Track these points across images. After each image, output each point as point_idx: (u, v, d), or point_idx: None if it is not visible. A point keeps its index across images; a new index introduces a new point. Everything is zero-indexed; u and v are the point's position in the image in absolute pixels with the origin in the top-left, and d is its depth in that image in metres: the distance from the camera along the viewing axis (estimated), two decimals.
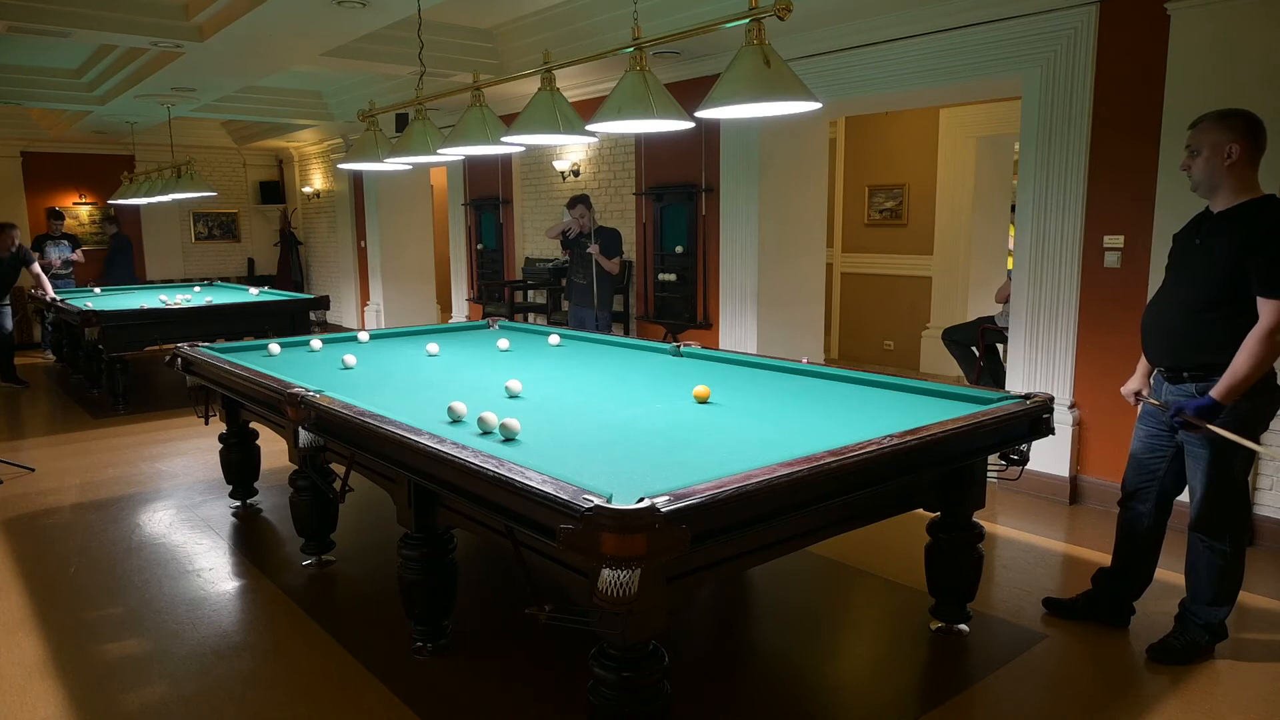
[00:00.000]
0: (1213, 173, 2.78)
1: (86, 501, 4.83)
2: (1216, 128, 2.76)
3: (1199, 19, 4.00)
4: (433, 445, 2.46)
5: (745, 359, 4.07)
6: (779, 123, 5.89)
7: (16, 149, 11.19)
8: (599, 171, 7.86)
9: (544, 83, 3.35)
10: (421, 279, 11.32)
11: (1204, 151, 2.78)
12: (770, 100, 2.62)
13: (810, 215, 6.67)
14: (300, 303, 7.97)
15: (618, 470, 2.35)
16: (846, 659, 3.20)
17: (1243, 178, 2.75)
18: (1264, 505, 4.07)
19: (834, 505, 2.42)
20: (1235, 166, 2.73)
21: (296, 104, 9.66)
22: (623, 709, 2.14)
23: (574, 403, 3.33)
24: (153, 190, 8.80)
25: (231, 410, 4.42)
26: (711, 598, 3.57)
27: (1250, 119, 2.75)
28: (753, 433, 2.77)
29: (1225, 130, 2.74)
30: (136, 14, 5.53)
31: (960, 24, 4.92)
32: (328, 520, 3.86)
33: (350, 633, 3.25)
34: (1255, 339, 2.66)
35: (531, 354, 4.50)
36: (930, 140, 8.10)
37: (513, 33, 6.88)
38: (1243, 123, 2.74)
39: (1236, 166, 2.73)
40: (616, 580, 1.85)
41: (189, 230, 12.82)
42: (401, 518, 2.96)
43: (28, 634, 3.26)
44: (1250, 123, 2.75)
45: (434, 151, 4.04)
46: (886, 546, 3.99)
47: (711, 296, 6.85)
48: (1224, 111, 2.80)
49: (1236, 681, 2.92)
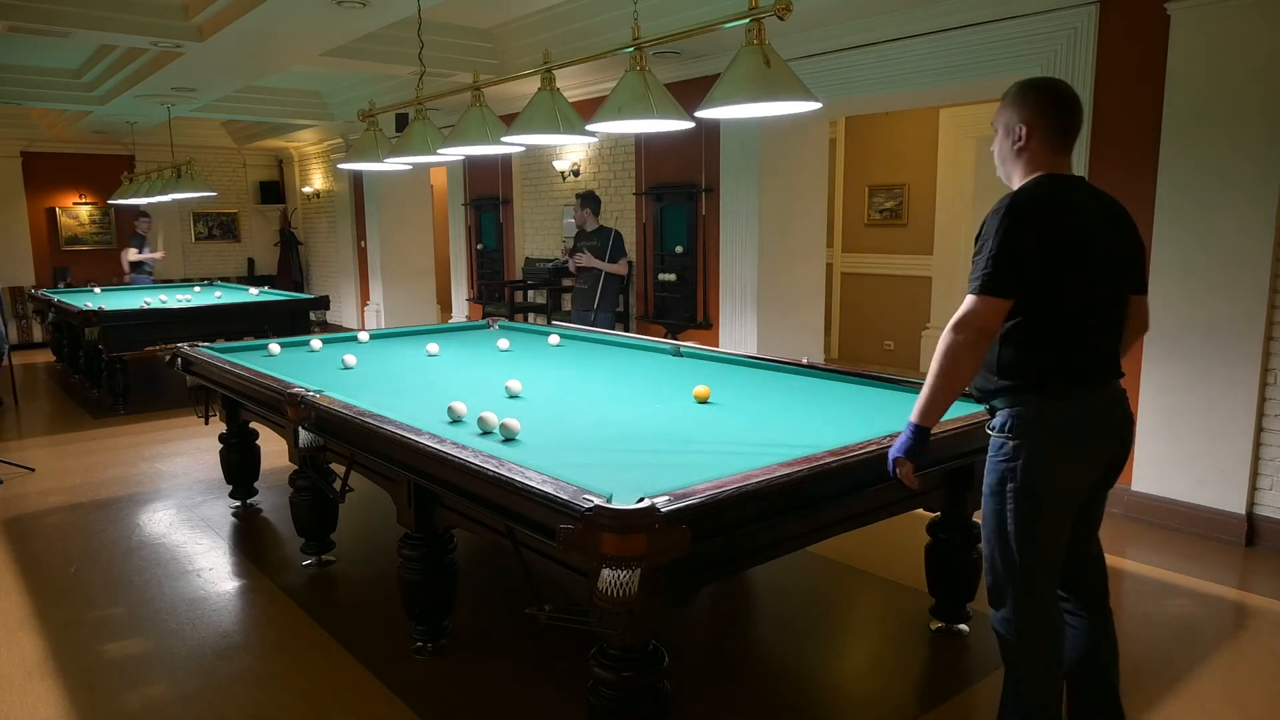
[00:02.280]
0: (1003, 158, 2.25)
1: (86, 501, 4.83)
2: (1009, 104, 2.22)
3: (1199, 19, 4.00)
4: (433, 445, 2.46)
5: (745, 359, 4.07)
6: (779, 123, 5.89)
7: (16, 149, 11.19)
8: (599, 171, 7.86)
9: (544, 83, 3.35)
10: (421, 279, 11.32)
11: (998, 131, 2.25)
12: (770, 100, 2.62)
13: (810, 215, 6.67)
14: (300, 303, 7.97)
15: (618, 470, 2.34)
16: (846, 659, 3.20)
17: (1035, 164, 2.18)
18: (1264, 505, 4.07)
19: (834, 505, 2.42)
20: (1026, 151, 2.18)
21: (296, 104, 9.66)
22: (623, 709, 2.14)
23: (574, 403, 3.33)
24: (153, 190, 8.80)
25: (231, 410, 4.42)
26: (711, 598, 3.56)
27: (1048, 90, 2.18)
28: (753, 433, 2.76)
29: (1016, 108, 2.19)
30: (136, 14, 5.53)
31: (960, 24, 4.92)
32: (328, 520, 3.86)
33: (350, 633, 3.25)
34: (941, 337, 2.11)
35: (531, 354, 4.50)
36: (930, 140, 8.10)
37: (513, 33, 6.88)
38: (1038, 96, 2.17)
39: (1028, 150, 2.17)
40: (616, 580, 1.84)
41: (189, 230, 12.82)
42: (401, 518, 2.96)
43: (28, 634, 3.26)
44: (1046, 95, 2.17)
45: (434, 151, 4.04)
46: (886, 546, 3.99)
47: (711, 297, 6.85)
48: (1024, 83, 2.22)
49: (1236, 681, 2.92)
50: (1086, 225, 2.12)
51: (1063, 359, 2.11)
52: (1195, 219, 4.10)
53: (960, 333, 2.06)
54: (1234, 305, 4.01)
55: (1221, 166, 3.99)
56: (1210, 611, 3.42)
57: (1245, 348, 4.01)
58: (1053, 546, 2.18)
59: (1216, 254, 4.04)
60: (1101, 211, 2.18)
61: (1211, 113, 4.00)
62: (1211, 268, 4.06)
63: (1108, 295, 2.17)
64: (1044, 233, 2.05)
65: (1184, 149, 4.11)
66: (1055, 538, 2.18)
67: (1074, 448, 2.12)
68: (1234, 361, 4.03)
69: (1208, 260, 4.06)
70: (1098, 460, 2.19)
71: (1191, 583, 3.66)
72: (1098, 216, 2.16)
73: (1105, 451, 2.19)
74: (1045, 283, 2.06)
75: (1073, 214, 2.11)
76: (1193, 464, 4.20)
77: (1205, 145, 4.03)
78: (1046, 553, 2.17)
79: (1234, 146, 3.95)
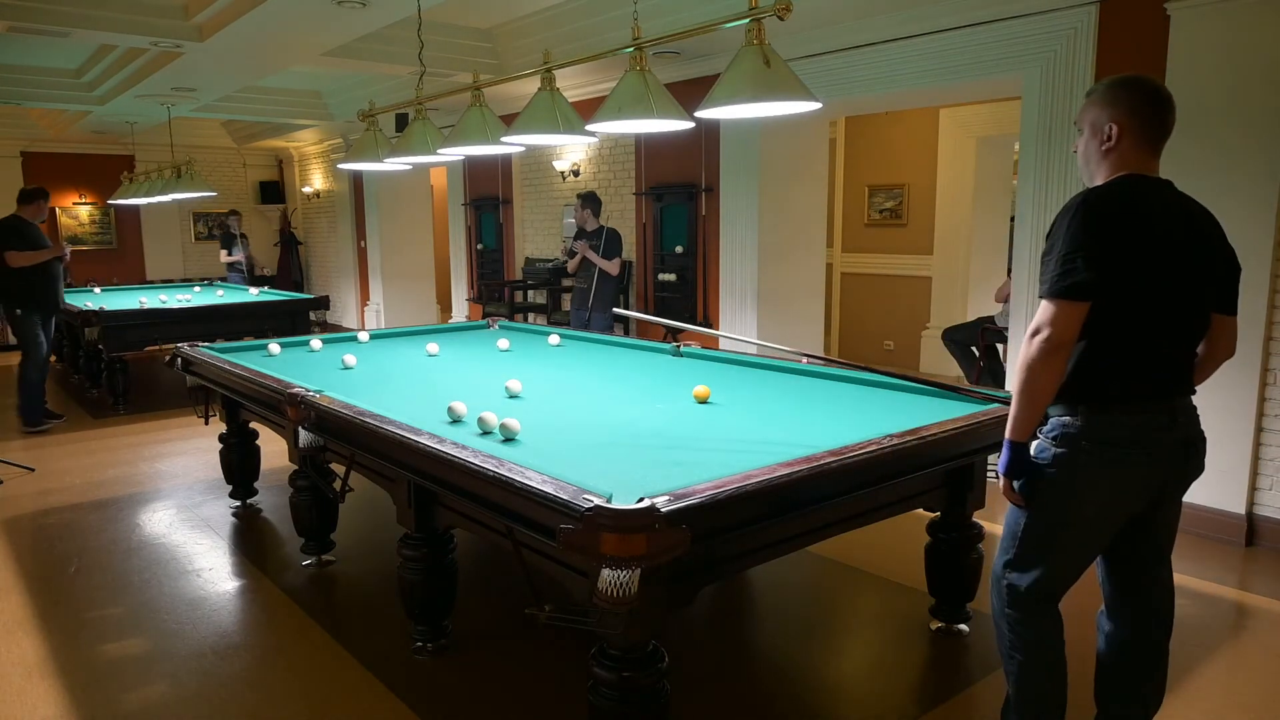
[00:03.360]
0: (1088, 158, 2.14)
1: (86, 501, 4.83)
2: (1097, 102, 2.10)
3: (1199, 19, 4.00)
4: (433, 445, 2.45)
5: (745, 359, 4.07)
6: (779, 123, 5.88)
7: (16, 149, 11.19)
8: (599, 171, 7.86)
9: (544, 83, 3.34)
10: (421, 279, 11.32)
11: (1084, 130, 2.14)
12: (770, 100, 2.62)
13: (810, 215, 6.67)
14: (300, 303, 7.97)
15: (618, 470, 2.35)
16: (846, 659, 3.19)
17: (1123, 165, 2.07)
18: (1264, 505, 4.07)
19: (834, 505, 2.42)
20: (1115, 151, 2.07)
21: (296, 104, 9.66)
22: (623, 709, 2.14)
23: (574, 403, 3.33)
24: (152, 190, 8.79)
25: (231, 410, 4.42)
26: (711, 597, 3.56)
27: (1142, 88, 2.07)
28: (753, 433, 2.76)
29: (1107, 106, 2.08)
30: (136, 14, 5.53)
31: (960, 24, 4.92)
32: (328, 520, 3.86)
33: (350, 633, 3.25)
34: (1020, 348, 2.04)
35: (531, 354, 4.50)
36: (930, 140, 8.10)
37: (513, 33, 6.88)
38: (1131, 94, 2.06)
39: (1117, 151, 2.07)
40: (616, 580, 1.84)
41: (189, 230, 12.82)
42: (401, 518, 2.96)
43: (28, 634, 3.26)
44: (1141, 93, 2.06)
45: (434, 151, 4.04)
46: (886, 546, 3.99)
47: (711, 296, 6.85)
48: (1114, 80, 2.11)
49: (1236, 681, 2.92)
50: (1166, 230, 2.00)
51: (1122, 371, 2.01)
52: None
53: (1036, 342, 1.96)
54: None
55: (1222, 166, 3.99)
56: (1210, 611, 3.42)
57: (1245, 348, 3.99)
58: (1067, 565, 2.16)
59: None
60: (1187, 219, 2.06)
61: (1212, 113, 4.00)
62: None
63: (1182, 308, 2.05)
64: (1117, 232, 1.94)
65: (1184, 148, 4.10)
66: (1073, 557, 2.15)
67: (1113, 469, 2.03)
68: (1234, 361, 4.00)
69: None
70: (1145, 485, 2.09)
71: (1191, 582, 3.66)
72: (1181, 223, 2.04)
73: (1153, 476, 2.08)
74: (1113, 286, 1.95)
75: (1151, 217, 1.99)
76: None
77: (1205, 145, 4.03)
78: (1058, 570, 2.15)
79: (1235, 146, 3.95)
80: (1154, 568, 2.24)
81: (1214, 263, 2.11)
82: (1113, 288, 1.95)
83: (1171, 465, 2.10)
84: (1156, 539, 2.21)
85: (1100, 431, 2.03)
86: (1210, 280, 2.11)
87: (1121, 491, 2.09)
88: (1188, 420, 2.12)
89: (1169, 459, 2.09)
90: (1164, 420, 2.06)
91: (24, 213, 6.47)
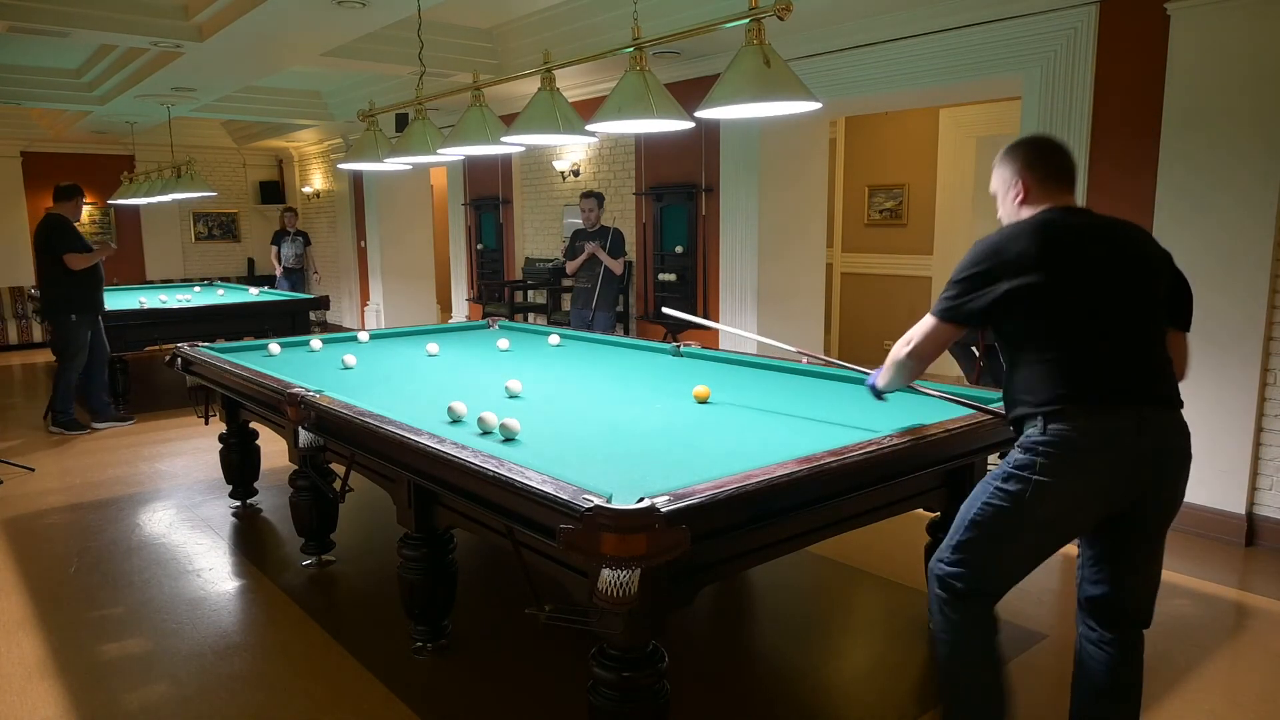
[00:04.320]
0: (1008, 214, 2.29)
1: (86, 501, 4.83)
2: (999, 165, 2.30)
3: (1199, 19, 4.00)
4: (433, 445, 2.45)
5: (745, 359, 4.07)
6: (779, 123, 5.89)
7: (16, 149, 11.19)
8: (599, 171, 7.86)
9: (544, 83, 3.34)
10: (421, 279, 11.32)
11: (998, 194, 2.32)
12: (770, 100, 2.62)
13: (810, 215, 6.68)
14: (300, 303, 7.97)
15: (618, 470, 2.35)
16: (846, 659, 3.20)
17: (1038, 205, 2.22)
18: (1264, 505, 4.07)
19: (834, 505, 2.42)
20: (1028, 202, 2.23)
21: (296, 104, 9.66)
22: (623, 709, 2.14)
23: (574, 403, 3.33)
24: (153, 190, 8.79)
25: (231, 410, 4.42)
26: (711, 598, 3.56)
27: (1032, 142, 2.28)
28: (753, 433, 2.76)
29: (1007, 164, 2.27)
30: (136, 14, 5.53)
31: (960, 24, 4.92)
32: (328, 520, 3.86)
33: (350, 633, 3.25)
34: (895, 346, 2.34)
35: (531, 354, 4.50)
36: (930, 140, 8.10)
37: (513, 33, 6.88)
38: (1024, 149, 2.26)
39: (1029, 201, 2.23)
40: (616, 580, 1.84)
41: (189, 230, 12.82)
42: (401, 518, 2.96)
43: (28, 634, 3.26)
44: (1031, 146, 2.27)
45: (434, 151, 4.04)
46: (886, 546, 3.99)
47: (711, 296, 6.85)
48: (1008, 145, 2.31)
49: (1236, 681, 2.92)
50: (1085, 244, 2.10)
51: (1073, 377, 2.04)
52: (1195, 219, 4.10)
53: (904, 349, 2.31)
54: (1234, 305, 4.01)
55: (1222, 167, 3.99)
56: (1210, 611, 3.42)
57: (1245, 348, 4.01)
58: (1011, 564, 2.15)
59: (1216, 254, 4.04)
60: (1111, 235, 2.14)
61: (1212, 113, 4.00)
62: (1211, 268, 4.05)
63: (1124, 315, 2.08)
64: (1026, 259, 2.05)
65: (1184, 149, 4.12)
66: (1018, 558, 2.14)
67: (1070, 475, 2.02)
68: (1234, 361, 4.04)
69: (1208, 260, 4.06)
70: (1107, 492, 2.06)
71: (1191, 582, 3.66)
72: (1104, 237, 2.13)
73: (1116, 483, 2.06)
74: (1033, 307, 2.05)
75: (1067, 234, 2.10)
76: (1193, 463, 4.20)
77: (1205, 145, 4.03)
78: (1000, 567, 2.14)
79: (1234, 146, 3.95)
80: (1127, 584, 2.20)
81: (1150, 275, 2.16)
82: (1025, 309, 2.07)
83: (1140, 473, 2.06)
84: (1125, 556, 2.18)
85: (1059, 436, 2.03)
86: (1150, 291, 2.15)
87: (1077, 496, 2.06)
88: (1160, 429, 2.08)
89: (1135, 467, 2.06)
90: (1129, 425, 2.03)
91: (64, 210, 6.25)
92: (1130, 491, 2.08)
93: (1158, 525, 2.18)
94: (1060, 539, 2.16)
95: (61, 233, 6.16)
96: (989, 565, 2.14)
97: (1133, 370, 2.08)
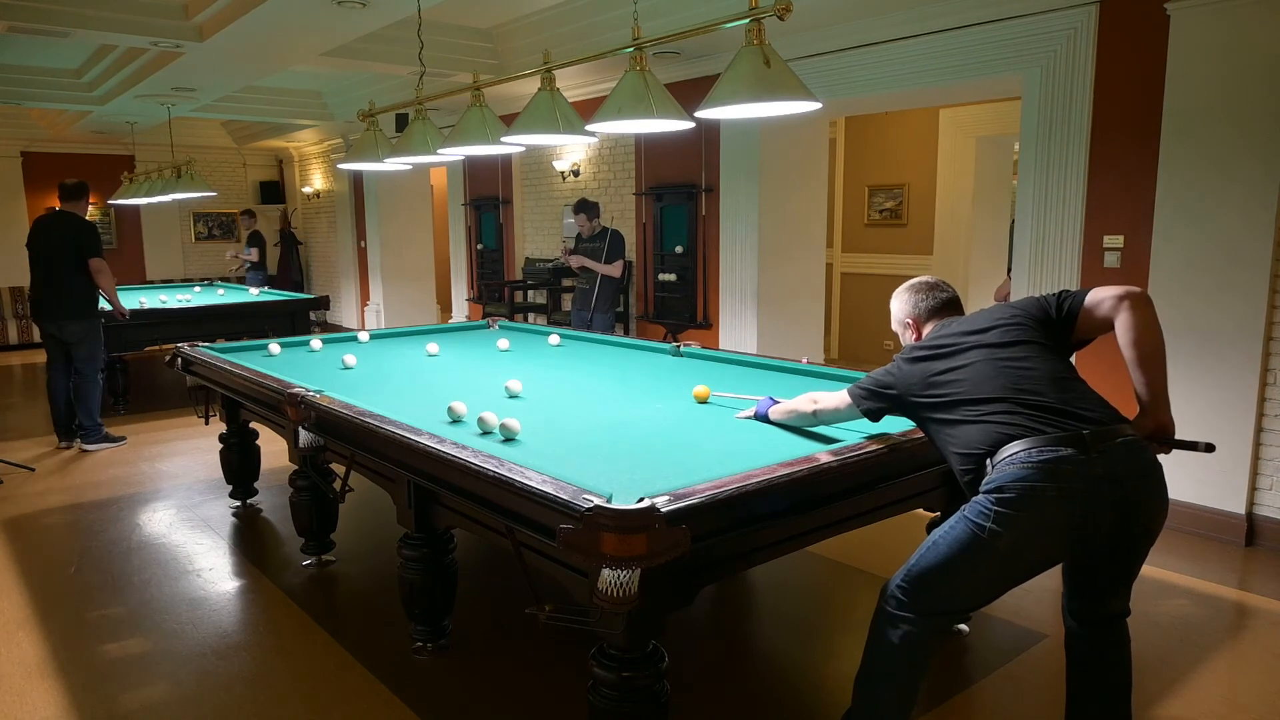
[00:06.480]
0: (908, 342, 2.54)
1: (86, 501, 4.83)
2: (894, 312, 2.60)
3: (1199, 19, 4.00)
4: (433, 445, 2.45)
5: (745, 359, 4.07)
6: (779, 123, 5.89)
7: (16, 149, 11.19)
8: (599, 171, 7.86)
9: (544, 83, 3.34)
10: (421, 279, 11.32)
11: (901, 335, 2.60)
12: (770, 100, 2.62)
13: (810, 215, 6.68)
14: (300, 303, 7.97)
15: (618, 470, 2.35)
16: (846, 659, 3.19)
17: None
18: (1264, 505, 4.07)
19: (834, 506, 2.42)
20: (919, 334, 2.51)
21: (296, 104, 9.66)
22: (623, 709, 2.14)
23: (574, 403, 3.33)
24: (153, 190, 8.79)
25: (231, 410, 4.42)
26: (711, 598, 3.56)
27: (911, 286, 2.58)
28: (753, 433, 2.76)
29: (898, 309, 2.57)
30: (136, 14, 5.53)
31: (960, 24, 4.92)
32: (328, 520, 3.86)
33: (350, 633, 3.25)
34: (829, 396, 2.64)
35: (531, 354, 4.50)
36: (930, 140, 8.11)
37: (513, 33, 6.88)
38: (907, 293, 2.56)
39: (919, 333, 2.51)
40: (616, 580, 1.84)
41: (189, 230, 12.82)
42: (401, 518, 2.96)
43: (28, 634, 3.26)
44: (910, 288, 2.56)
45: (434, 151, 4.04)
46: (886, 546, 3.99)
47: (711, 296, 6.85)
48: (900, 289, 2.60)
49: (1236, 681, 2.92)
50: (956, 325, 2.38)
51: (1005, 428, 2.08)
52: (1195, 219, 4.10)
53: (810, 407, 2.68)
54: (1234, 305, 4.01)
55: (1222, 166, 3.99)
56: (1210, 611, 3.42)
57: (1245, 348, 4.01)
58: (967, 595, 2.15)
59: (1217, 254, 4.04)
60: (980, 315, 2.39)
61: (1212, 112, 4.00)
62: (1212, 267, 4.06)
63: (1011, 363, 2.18)
64: (915, 361, 2.31)
65: (1184, 149, 4.12)
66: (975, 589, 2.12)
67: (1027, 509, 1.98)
68: (1234, 361, 4.04)
69: (1208, 260, 4.07)
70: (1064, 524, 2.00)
71: (1191, 582, 3.66)
72: (978, 315, 2.40)
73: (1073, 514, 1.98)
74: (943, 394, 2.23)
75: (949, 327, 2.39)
76: (1193, 464, 4.19)
77: (1205, 145, 4.04)
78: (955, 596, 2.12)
79: (1234, 146, 3.95)
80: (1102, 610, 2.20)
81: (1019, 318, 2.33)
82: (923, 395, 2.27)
83: (1096, 502, 1.99)
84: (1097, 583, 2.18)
85: (1011, 476, 2.00)
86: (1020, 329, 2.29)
87: (1035, 530, 2.01)
88: (1114, 456, 2.01)
89: (1091, 496, 1.99)
90: (1077, 454, 1.99)
91: (76, 210, 6.00)
92: (1080, 524, 2.01)
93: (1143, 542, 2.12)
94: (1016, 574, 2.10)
95: (93, 235, 5.93)
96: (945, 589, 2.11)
97: (1061, 405, 2.08)
